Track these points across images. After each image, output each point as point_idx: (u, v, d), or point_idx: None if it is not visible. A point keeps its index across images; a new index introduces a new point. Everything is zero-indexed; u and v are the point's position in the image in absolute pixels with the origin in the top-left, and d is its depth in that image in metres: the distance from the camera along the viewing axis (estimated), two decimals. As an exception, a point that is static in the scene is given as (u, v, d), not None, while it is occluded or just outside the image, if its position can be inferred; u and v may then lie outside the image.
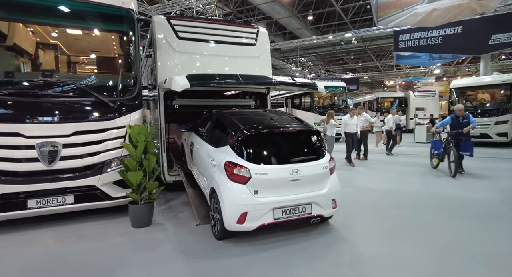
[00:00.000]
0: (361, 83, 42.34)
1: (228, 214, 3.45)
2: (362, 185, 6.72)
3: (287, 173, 3.57)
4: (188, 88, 4.03)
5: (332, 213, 4.01)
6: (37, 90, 4.11)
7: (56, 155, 4.13)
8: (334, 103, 18.05)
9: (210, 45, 6.01)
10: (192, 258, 3.37)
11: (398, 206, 5.18)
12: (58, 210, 4.24)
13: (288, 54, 28.60)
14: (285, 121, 4.20)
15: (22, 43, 4.56)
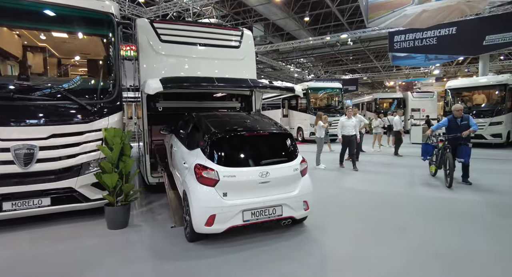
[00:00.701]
0: (361, 84, 42.29)
1: (197, 216, 3.47)
2: (347, 186, 6.71)
3: (256, 176, 3.58)
4: (163, 91, 4.06)
5: (304, 214, 4.02)
6: (13, 93, 4.16)
7: (32, 157, 4.17)
8: (330, 104, 18.02)
9: (194, 48, 6.05)
10: (161, 260, 3.39)
11: (378, 207, 5.17)
12: (34, 213, 4.27)
13: (287, 55, 28.63)
14: (260, 124, 4.22)
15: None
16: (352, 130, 8.48)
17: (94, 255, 3.51)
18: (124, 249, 3.67)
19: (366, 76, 35.60)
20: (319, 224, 4.40)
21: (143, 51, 5.74)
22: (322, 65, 34.38)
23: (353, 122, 8.56)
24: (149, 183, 5.92)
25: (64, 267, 3.24)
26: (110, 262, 3.34)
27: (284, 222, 3.90)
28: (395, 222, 4.47)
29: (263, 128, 4.04)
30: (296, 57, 29.25)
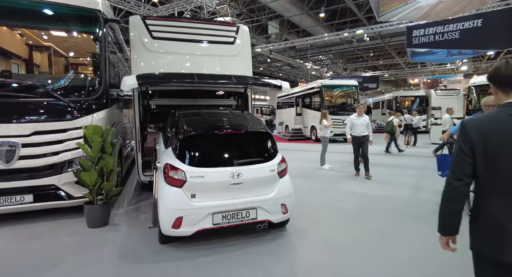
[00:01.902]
0: (384, 81, 40.82)
1: (163, 218, 3.33)
2: (348, 189, 6.35)
3: (227, 177, 3.38)
4: (137, 87, 3.96)
5: (283, 218, 3.77)
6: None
7: (14, 154, 4.20)
8: (345, 102, 17.43)
9: (186, 44, 5.91)
10: (126, 261, 3.28)
11: (376, 213, 4.81)
12: (16, 209, 4.32)
13: (304, 53, 28.07)
14: (238, 123, 4.01)
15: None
16: (363, 129, 7.31)
17: (62, 253, 3.46)
18: (93, 249, 3.59)
19: (388, 74, 34.24)
20: (303, 229, 4.14)
21: (134, 48, 5.67)
22: (342, 62, 33.46)
23: (364, 120, 7.38)
24: (141, 181, 5.88)
25: (27, 265, 3.20)
26: (74, 261, 3.28)
27: (260, 226, 3.67)
28: (390, 230, 4.12)
29: (239, 126, 3.83)
30: (314, 54, 28.63)
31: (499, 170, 1.48)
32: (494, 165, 1.49)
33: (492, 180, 1.51)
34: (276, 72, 36.59)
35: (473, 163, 1.55)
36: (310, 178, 7.47)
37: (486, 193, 1.55)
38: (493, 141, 1.49)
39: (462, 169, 1.57)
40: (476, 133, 1.54)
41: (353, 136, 7.45)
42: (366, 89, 30.31)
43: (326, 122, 8.59)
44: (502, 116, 1.52)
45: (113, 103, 5.69)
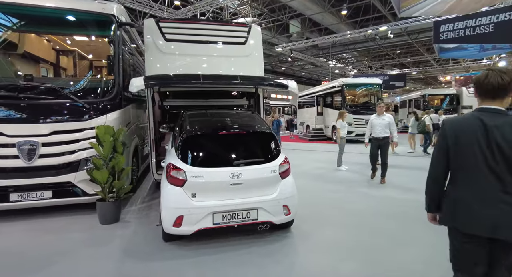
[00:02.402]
0: (412, 79, 39.22)
1: (165, 216, 3.40)
2: (364, 191, 6.16)
3: (227, 177, 3.40)
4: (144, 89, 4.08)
5: (286, 220, 3.72)
6: (19, 93, 4.51)
7: (35, 153, 4.48)
8: (368, 101, 16.92)
9: (198, 46, 6.00)
10: (129, 257, 3.38)
11: (389, 216, 4.64)
12: (37, 204, 4.60)
13: (327, 51, 27.57)
14: (240, 123, 4.01)
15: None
16: (384, 130, 6.65)
17: (72, 247, 3.64)
18: (101, 244, 3.74)
19: (416, 71, 32.81)
20: (308, 231, 4.07)
21: (148, 50, 5.84)
22: (368, 60, 32.50)
23: (383, 120, 6.71)
24: (155, 180, 6.04)
25: (37, 256, 3.40)
26: (79, 255, 3.43)
27: (261, 227, 3.65)
28: (400, 235, 3.95)
29: (241, 127, 3.84)
30: (337, 53, 28.04)
31: (461, 164, 1.85)
32: (458, 159, 1.86)
33: (456, 171, 1.88)
34: (298, 71, 36.28)
35: (447, 155, 1.90)
36: (325, 179, 7.33)
37: (452, 179, 1.92)
38: (461, 140, 1.84)
39: (440, 159, 1.94)
40: (450, 132, 1.88)
41: (372, 137, 6.81)
42: (392, 87, 29.27)
43: (339, 125, 8.36)
44: (471, 119, 1.83)
45: (129, 103, 5.90)
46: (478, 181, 1.78)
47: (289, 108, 33.75)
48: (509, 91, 1.80)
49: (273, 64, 32.04)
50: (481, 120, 1.79)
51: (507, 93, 1.80)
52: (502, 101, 1.81)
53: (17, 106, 4.49)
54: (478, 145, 1.77)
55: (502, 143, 1.71)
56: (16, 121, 4.45)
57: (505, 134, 1.71)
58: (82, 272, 3.08)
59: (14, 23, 4.72)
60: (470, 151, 1.79)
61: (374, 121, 6.88)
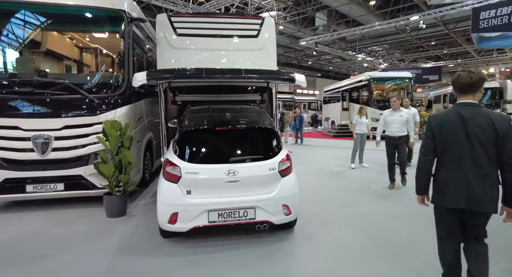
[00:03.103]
0: (449, 72, 36.78)
1: (160, 213, 3.36)
2: (378, 192, 5.80)
3: (223, 174, 3.28)
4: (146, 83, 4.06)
5: (286, 220, 3.54)
6: (33, 88, 4.68)
7: (48, 146, 4.64)
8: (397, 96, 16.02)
9: (209, 40, 5.91)
10: (124, 253, 3.38)
11: (402, 218, 4.30)
12: (51, 196, 4.79)
13: (356, 44, 26.53)
14: (240, 118, 3.86)
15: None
16: (400, 128, 5.77)
17: (76, 240, 3.72)
18: (103, 237, 3.79)
19: (454, 63, 30.67)
20: (311, 231, 3.87)
21: (160, 46, 5.84)
22: (400, 52, 30.88)
23: (401, 116, 5.81)
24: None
25: (41, 247, 3.50)
26: (81, 248, 3.48)
27: (259, 227, 3.50)
28: (411, 242, 3.62)
29: (240, 122, 3.69)
30: (366, 45, 26.89)
31: (445, 150, 2.22)
32: (443, 147, 2.23)
33: (442, 156, 2.25)
34: (326, 65, 35.34)
35: (434, 144, 2.27)
36: (340, 178, 7.01)
37: (438, 164, 2.28)
38: (444, 130, 2.21)
39: (428, 149, 2.29)
40: (435, 124, 2.27)
41: (387, 136, 5.93)
42: (426, 81, 27.64)
43: (355, 120, 7.94)
44: (451, 113, 2.23)
45: (141, 99, 5.96)
46: (458, 164, 2.16)
47: (316, 104, 33.04)
48: (478, 87, 2.20)
49: (299, 58, 31.45)
50: (459, 113, 2.18)
51: (477, 89, 2.20)
52: (474, 96, 2.21)
53: (32, 101, 4.66)
54: (459, 134, 2.14)
55: (477, 130, 2.08)
56: (30, 116, 4.63)
57: (479, 122, 2.09)
58: (73, 267, 3.10)
59: (25, 21, 4.89)
60: (451, 139, 2.18)
61: (387, 117, 5.91)
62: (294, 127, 14.51)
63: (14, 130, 4.58)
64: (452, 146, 2.16)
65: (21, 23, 4.85)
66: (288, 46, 26.82)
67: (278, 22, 19.83)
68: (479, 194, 2.08)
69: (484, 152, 2.06)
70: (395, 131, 5.82)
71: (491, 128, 2.04)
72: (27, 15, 4.83)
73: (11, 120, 4.57)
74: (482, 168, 2.08)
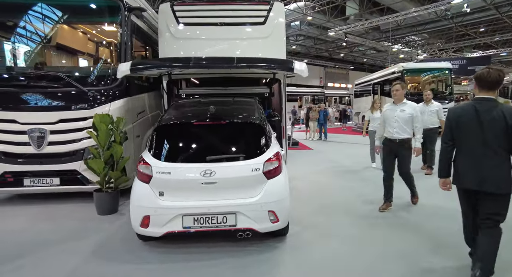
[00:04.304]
0: (503, 62, 33.31)
1: (132, 215, 3.07)
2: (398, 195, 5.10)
3: (198, 174, 2.91)
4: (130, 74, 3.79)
5: (273, 228, 3.09)
6: (29, 81, 4.63)
7: (43, 140, 4.58)
8: (434, 89, 14.61)
9: (212, 29, 5.56)
10: (96, 256, 3.14)
11: (414, 231, 3.66)
12: (47, 190, 4.74)
13: (392, 34, 24.76)
14: (224, 112, 3.43)
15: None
16: (401, 128, 4.23)
17: (54, 238, 3.56)
18: (82, 237, 3.59)
19: (507, 52, 27.56)
20: (306, 241, 3.39)
21: (162, 36, 5.59)
22: (442, 42, 28.38)
23: (403, 111, 4.24)
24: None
25: (23, 244, 3.40)
26: (56, 248, 3.31)
27: (241, 234, 3.09)
28: (426, 262, 3.01)
29: (224, 116, 3.27)
30: (404, 35, 25.02)
31: (461, 139, 2.54)
32: (459, 136, 2.55)
33: (459, 144, 2.56)
34: (359, 57, 33.59)
35: (452, 134, 2.59)
36: (356, 180, 6.30)
37: (457, 151, 2.60)
38: (461, 122, 2.52)
39: (447, 137, 2.62)
40: (453, 116, 2.59)
41: (386, 138, 4.47)
42: (472, 73, 25.07)
43: (367, 115, 7.16)
44: (469, 107, 2.50)
45: (143, 91, 5.76)
46: (473, 150, 2.45)
47: (348, 98, 31.59)
48: (500, 85, 2.46)
49: (330, 50, 30.15)
50: (475, 107, 2.44)
51: (499, 87, 2.48)
52: (494, 92, 2.45)
53: (28, 94, 4.60)
54: (473, 125, 2.42)
55: (489, 122, 2.35)
56: (27, 109, 4.58)
57: (492, 115, 2.35)
58: (35, 269, 2.92)
59: (20, 12, 4.84)
60: (467, 129, 2.48)
61: (387, 113, 4.51)
62: (318, 122, 13.78)
63: (11, 123, 4.56)
64: (467, 135, 2.47)
65: (17, 15, 4.82)
66: (318, 38, 25.74)
67: (306, 13, 19.00)
68: (489, 177, 2.35)
69: (495, 141, 2.33)
70: (395, 132, 4.22)
71: (501, 120, 2.29)
72: (21, 6, 4.79)
73: (8, 113, 4.56)
74: (493, 155, 2.35)
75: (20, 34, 4.97)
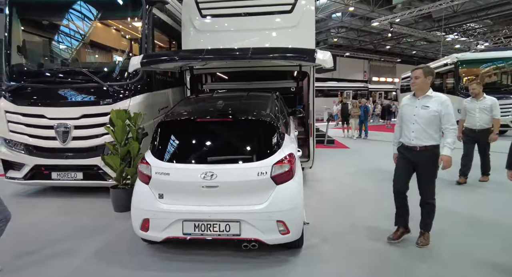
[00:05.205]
0: None
1: (132, 217, 2.89)
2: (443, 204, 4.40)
3: (197, 177, 2.63)
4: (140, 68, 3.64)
5: (283, 240, 2.72)
6: (55, 77, 4.73)
7: (68, 135, 4.67)
8: (495, 82, 12.88)
9: (235, 20, 5.28)
10: (98, 257, 3.03)
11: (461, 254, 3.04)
12: (71, 184, 4.86)
13: (446, 22, 22.45)
14: (235, 108, 3.11)
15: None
16: (426, 131, 2.99)
17: (67, 234, 3.56)
18: (91, 235, 3.53)
19: None
20: (323, 259, 2.96)
21: (184, 29, 5.44)
22: (509, 29, 25.09)
23: (428, 109, 2.96)
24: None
25: (32, 240, 3.41)
26: (62, 246, 3.27)
27: (246, 245, 2.76)
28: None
29: (231, 113, 2.94)
30: (461, 23, 22.55)
31: None
32: None
33: None
34: (408, 49, 31.16)
35: None
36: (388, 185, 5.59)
37: None
38: None
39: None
40: None
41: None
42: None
43: None
44: None
45: (166, 87, 5.67)
46: None
47: (395, 93, 29.50)
48: None
49: (375, 42, 28.34)
50: None
51: None
52: None
53: (54, 90, 4.71)
54: None
55: None
56: (53, 104, 4.69)
57: None
58: (36, 267, 2.87)
59: (46, 11, 4.96)
60: None
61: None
62: (359, 119, 12.87)
63: (40, 118, 4.71)
64: None
65: (41, 13, 4.95)
66: (361, 30, 24.28)
67: (348, 3, 17.92)
68: None
69: None
70: (412, 137, 3.04)
71: None
72: (45, 5, 4.90)
73: (38, 109, 4.71)
74: None
75: (45, 31, 5.12)
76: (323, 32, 24.98)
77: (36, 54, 5.19)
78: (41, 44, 5.25)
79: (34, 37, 5.24)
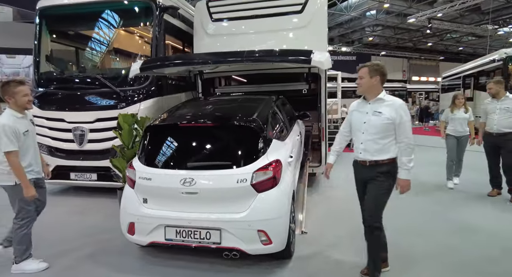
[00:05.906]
0: None
1: (120, 220, 2.95)
2: (460, 220, 3.95)
3: (177, 182, 2.60)
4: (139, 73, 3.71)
5: (265, 251, 2.60)
6: (73, 83, 5.03)
7: (83, 138, 4.94)
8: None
9: (244, 22, 5.26)
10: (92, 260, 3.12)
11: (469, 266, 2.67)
12: (87, 184, 5.12)
13: (498, 14, 20.45)
14: (221, 113, 3.03)
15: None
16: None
17: (74, 234, 3.73)
18: (93, 236, 3.66)
19: None
20: (316, 270, 2.77)
21: (196, 34, 5.52)
22: None
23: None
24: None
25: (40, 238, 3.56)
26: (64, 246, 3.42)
27: (227, 254, 2.66)
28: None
29: (216, 118, 2.87)
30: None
31: None
32: None
33: None
34: (452, 46, 28.92)
35: None
36: (415, 197, 4.79)
37: None
38: None
39: None
40: None
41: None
42: None
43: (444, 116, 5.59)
44: None
45: (179, 91, 5.77)
46: None
47: (437, 93, 27.53)
48: None
49: (414, 40, 26.69)
50: None
51: None
52: None
53: (72, 96, 5.01)
54: None
55: None
56: (71, 109, 4.99)
57: None
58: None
59: (64, 21, 5.29)
60: None
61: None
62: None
63: (61, 122, 5.03)
64: None
65: (59, 24, 5.29)
66: (398, 27, 23.00)
67: (383, 0, 17.07)
68: None
69: None
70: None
71: None
72: (70, 17, 5.23)
73: (58, 113, 5.03)
74: None
75: (67, 40, 5.46)
76: (357, 31, 24.10)
77: (58, 62, 5.56)
78: (61, 52, 5.62)
79: (57, 45, 5.63)
